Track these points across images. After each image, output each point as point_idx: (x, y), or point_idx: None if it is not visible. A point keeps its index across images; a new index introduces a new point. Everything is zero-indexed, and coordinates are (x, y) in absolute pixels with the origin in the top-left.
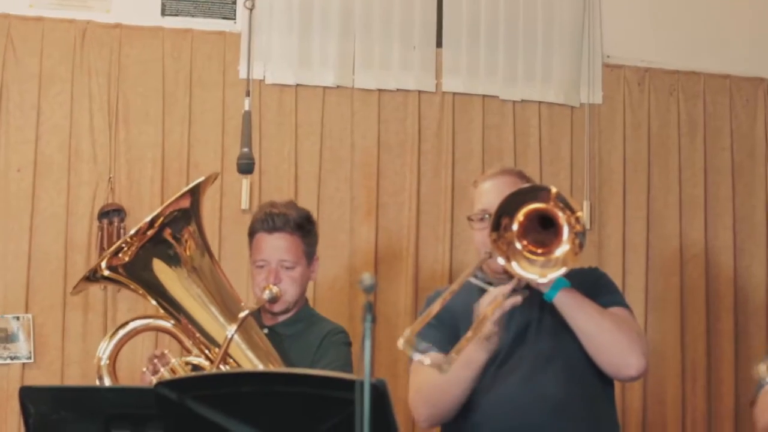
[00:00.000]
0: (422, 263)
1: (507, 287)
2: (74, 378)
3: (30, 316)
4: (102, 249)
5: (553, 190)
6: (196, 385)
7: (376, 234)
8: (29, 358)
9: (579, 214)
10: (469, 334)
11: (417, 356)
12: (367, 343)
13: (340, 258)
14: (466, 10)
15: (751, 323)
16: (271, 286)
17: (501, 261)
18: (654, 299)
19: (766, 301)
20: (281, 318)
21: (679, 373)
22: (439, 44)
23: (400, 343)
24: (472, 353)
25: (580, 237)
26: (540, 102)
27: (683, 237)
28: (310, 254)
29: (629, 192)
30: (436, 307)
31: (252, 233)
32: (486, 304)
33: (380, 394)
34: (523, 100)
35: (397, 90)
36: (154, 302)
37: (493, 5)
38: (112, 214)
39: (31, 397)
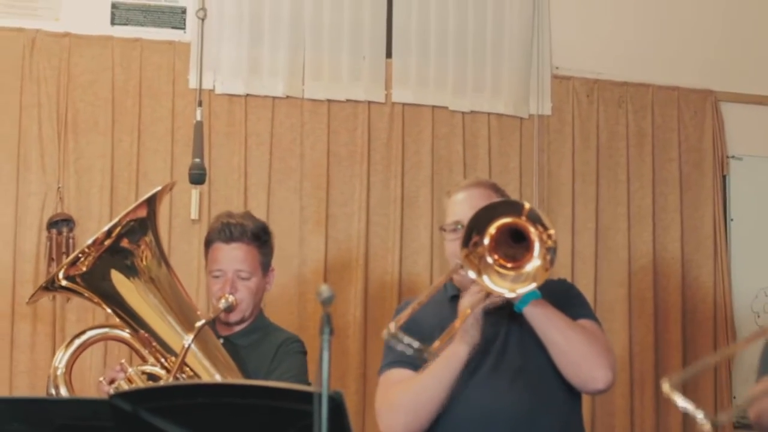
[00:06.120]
0: (372, 274)
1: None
2: (22, 389)
3: None
4: (51, 259)
5: (527, 205)
6: (151, 396)
7: (325, 244)
8: None
9: (551, 230)
10: (454, 326)
11: (401, 346)
12: (325, 355)
13: (290, 268)
14: (415, 20)
15: (698, 334)
16: (227, 295)
17: (472, 275)
18: (602, 310)
19: (713, 313)
20: (236, 328)
21: (627, 384)
22: (388, 55)
23: (385, 334)
24: (455, 346)
25: (551, 253)
26: (489, 113)
27: (632, 248)
28: (265, 265)
29: (578, 203)
30: (421, 298)
31: (209, 243)
32: (468, 298)
33: (337, 406)
34: (472, 111)
35: (347, 100)
36: (110, 311)
37: (442, 16)
38: (61, 224)
39: None
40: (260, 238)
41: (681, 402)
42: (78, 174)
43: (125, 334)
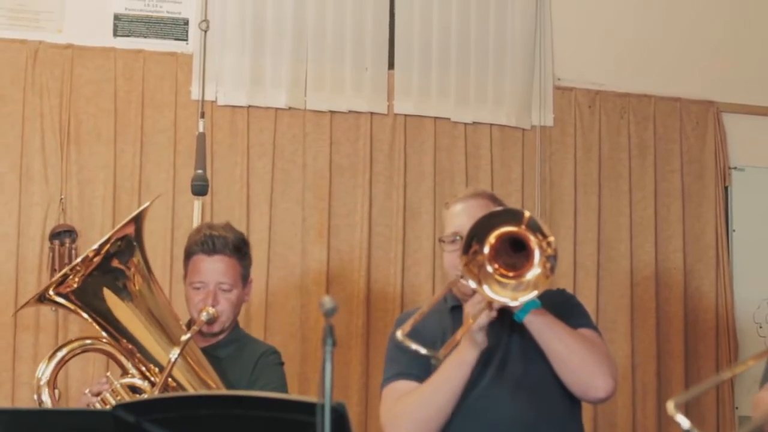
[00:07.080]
0: (374, 285)
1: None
2: (25, 400)
3: None
4: (53, 270)
5: (526, 214)
6: (154, 407)
7: (327, 255)
8: None
9: (551, 238)
10: (459, 333)
11: (414, 346)
12: (328, 367)
13: (292, 279)
14: (418, 32)
15: (701, 345)
16: (207, 307)
17: (472, 284)
18: (604, 320)
19: (715, 323)
20: (213, 340)
21: (629, 394)
22: (391, 66)
23: (399, 334)
24: (463, 351)
25: (551, 260)
26: (491, 124)
27: (634, 259)
28: (245, 277)
29: (580, 214)
30: (423, 308)
31: (189, 255)
32: (475, 303)
33: (340, 417)
34: (474, 122)
35: (349, 112)
36: (96, 325)
37: (445, 27)
38: (63, 235)
39: None
40: (241, 250)
41: (685, 424)
42: (80, 185)
43: (108, 346)
